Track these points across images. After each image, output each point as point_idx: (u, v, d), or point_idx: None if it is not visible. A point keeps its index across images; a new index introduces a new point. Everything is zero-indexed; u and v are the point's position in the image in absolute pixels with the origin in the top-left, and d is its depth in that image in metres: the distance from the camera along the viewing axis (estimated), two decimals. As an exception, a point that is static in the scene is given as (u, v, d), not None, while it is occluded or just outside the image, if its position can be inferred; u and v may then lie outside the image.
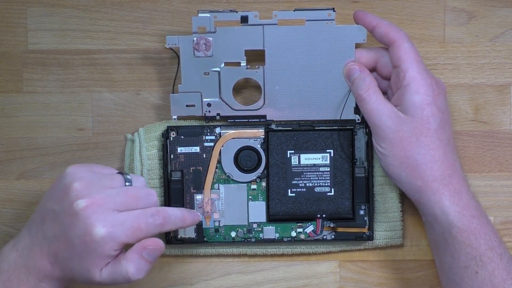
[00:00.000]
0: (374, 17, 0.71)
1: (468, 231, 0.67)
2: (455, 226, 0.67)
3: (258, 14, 0.72)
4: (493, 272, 0.67)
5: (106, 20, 0.75)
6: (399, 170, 0.68)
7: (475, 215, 0.67)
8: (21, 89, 0.76)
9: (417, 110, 0.68)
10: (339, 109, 0.73)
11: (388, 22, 0.70)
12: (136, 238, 0.65)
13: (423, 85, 0.68)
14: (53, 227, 0.65)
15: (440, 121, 0.68)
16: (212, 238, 0.74)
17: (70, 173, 0.66)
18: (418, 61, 0.69)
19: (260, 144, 0.74)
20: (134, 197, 0.66)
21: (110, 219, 0.64)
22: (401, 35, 0.69)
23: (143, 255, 0.65)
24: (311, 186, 0.74)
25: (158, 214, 0.66)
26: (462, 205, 0.67)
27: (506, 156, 0.75)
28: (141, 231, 0.65)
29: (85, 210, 0.63)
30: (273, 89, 0.73)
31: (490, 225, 0.68)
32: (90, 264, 0.64)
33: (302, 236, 0.74)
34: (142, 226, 0.65)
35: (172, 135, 0.74)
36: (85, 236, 0.63)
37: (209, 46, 0.72)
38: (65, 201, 0.64)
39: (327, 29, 0.72)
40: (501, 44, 0.75)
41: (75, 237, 0.64)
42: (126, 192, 0.66)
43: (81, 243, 0.64)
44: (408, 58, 0.68)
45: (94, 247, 0.64)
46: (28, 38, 0.76)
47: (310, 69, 0.73)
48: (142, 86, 0.76)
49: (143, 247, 0.65)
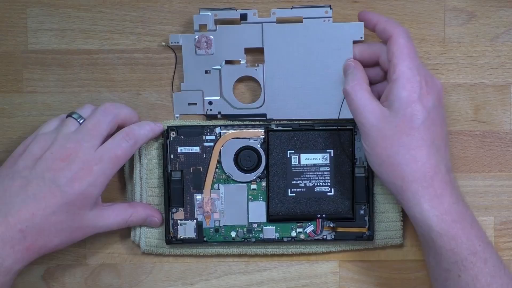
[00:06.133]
0: (375, 15, 0.71)
1: (448, 236, 0.65)
2: (434, 230, 0.65)
3: (256, 12, 0.73)
4: (477, 277, 0.65)
5: (106, 20, 0.75)
6: (381, 168, 0.67)
7: (457, 219, 0.65)
8: (21, 89, 0.76)
9: (401, 106, 0.66)
10: (338, 106, 0.73)
11: (388, 18, 0.70)
12: (118, 167, 0.69)
13: (411, 82, 0.67)
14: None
15: (424, 120, 0.66)
16: (212, 238, 0.74)
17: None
18: (411, 57, 0.68)
19: (260, 144, 0.74)
20: (95, 126, 0.69)
21: (86, 166, 0.68)
22: (398, 30, 0.68)
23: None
24: (311, 186, 0.74)
25: (128, 135, 0.70)
26: (442, 209, 0.65)
27: (506, 156, 0.75)
28: (120, 158, 0.69)
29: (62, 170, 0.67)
30: (272, 86, 0.73)
31: (475, 229, 0.66)
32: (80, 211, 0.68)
33: (302, 236, 0.74)
34: (119, 153, 0.69)
35: (172, 135, 0.74)
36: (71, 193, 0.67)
37: (210, 44, 0.73)
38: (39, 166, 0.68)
39: (324, 27, 0.72)
40: (501, 44, 0.75)
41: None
42: (85, 129, 0.69)
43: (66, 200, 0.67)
44: (400, 53, 0.67)
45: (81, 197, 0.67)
46: (28, 38, 0.76)
47: (309, 67, 0.73)
48: (142, 86, 0.76)
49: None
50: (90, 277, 0.76)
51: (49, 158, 0.68)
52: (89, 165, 0.68)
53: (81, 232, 0.69)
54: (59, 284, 0.76)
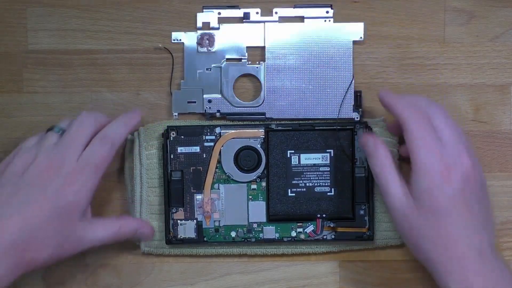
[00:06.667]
0: (391, 97, 0.68)
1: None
2: None
3: (259, 11, 0.74)
4: None
5: (106, 20, 0.75)
6: (408, 244, 0.68)
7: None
8: (21, 89, 0.76)
9: (423, 198, 0.65)
10: (338, 106, 0.73)
11: (400, 99, 0.68)
12: (102, 172, 0.69)
13: (430, 173, 0.65)
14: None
15: (448, 208, 0.65)
16: (212, 238, 0.74)
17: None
18: (426, 144, 0.65)
19: (260, 144, 0.74)
20: (75, 136, 0.69)
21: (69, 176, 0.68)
22: (408, 115, 0.66)
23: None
24: (311, 186, 0.74)
25: (102, 139, 0.70)
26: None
27: (506, 156, 0.75)
28: (100, 164, 0.69)
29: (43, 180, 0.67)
30: (272, 85, 0.74)
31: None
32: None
33: (302, 236, 0.74)
34: (97, 160, 0.69)
35: (172, 135, 0.74)
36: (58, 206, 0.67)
37: (212, 42, 0.73)
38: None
39: (325, 27, 0.73)
40: (501, 44, 0.75)
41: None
42: (65, 141, 0.69)
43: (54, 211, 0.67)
44: (413, 143, 0.65)
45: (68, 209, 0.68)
46: (28, 38, 0.76)
47: (309, 66, 0.74)
48: (142, 86, 0.76)
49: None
50: (90, 277, 0.76)
51: (34, 170, 0.68)
52: (72, 175, 0.68)
53: (70, 245, 0.68)
54: (59, 284, 0.76)
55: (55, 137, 0.70)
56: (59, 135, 0.70)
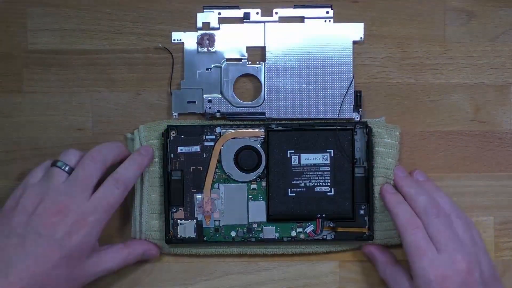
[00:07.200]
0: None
1: None
2: None
3: (260, 11, 0.74)
4: None
5: (106, 20, 0.75)
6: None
7: None
8: (21, 89, 0.76)
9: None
10: (338, 106, 0.73)
11: (398, 210, 0.71)
12: (112, 213, 0.69)
13: (426, 283, 0.67)
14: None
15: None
16: (212, 238, 0.74)
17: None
18: (421, 254, 0.68)
19: (260, 143, 0.74)
20: (85, 177, 0.68)
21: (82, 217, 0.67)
22: (402, 225, 0.70)
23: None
24: (311, 186, 0.74)
25: (118, 182, 0.69)
26: None
27: (506, 156, 0.75)
28: (113, 206, 0.69)
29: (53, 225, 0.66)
30: (272, 85, 0.74)
31: None
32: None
33: (302, 236, 0.74)
34: (111, 201, 0.69)
35: (172, 134, 0.74)
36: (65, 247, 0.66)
37: (213, 42, 0.74)
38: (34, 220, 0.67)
39: (325, 27, 0.73)
40: (501, 44, 0.75)
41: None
42: (75, 181, 0.68)
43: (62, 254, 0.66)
44: (409, 253, 0.69)
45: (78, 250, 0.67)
46: (28, 38, 0.76)
47: (309, 67, 0.74)
48: (142, 86, 0.76)
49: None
50: (90, 277, 0.76)
51: (43, 214, 0.67)
52: (83, 216, 0.67)
53: (80, 280, 0.68)
54: (59, 284, 0.76)
55: (62, 175, 0.69)
56: (66, 174, 0.69)
